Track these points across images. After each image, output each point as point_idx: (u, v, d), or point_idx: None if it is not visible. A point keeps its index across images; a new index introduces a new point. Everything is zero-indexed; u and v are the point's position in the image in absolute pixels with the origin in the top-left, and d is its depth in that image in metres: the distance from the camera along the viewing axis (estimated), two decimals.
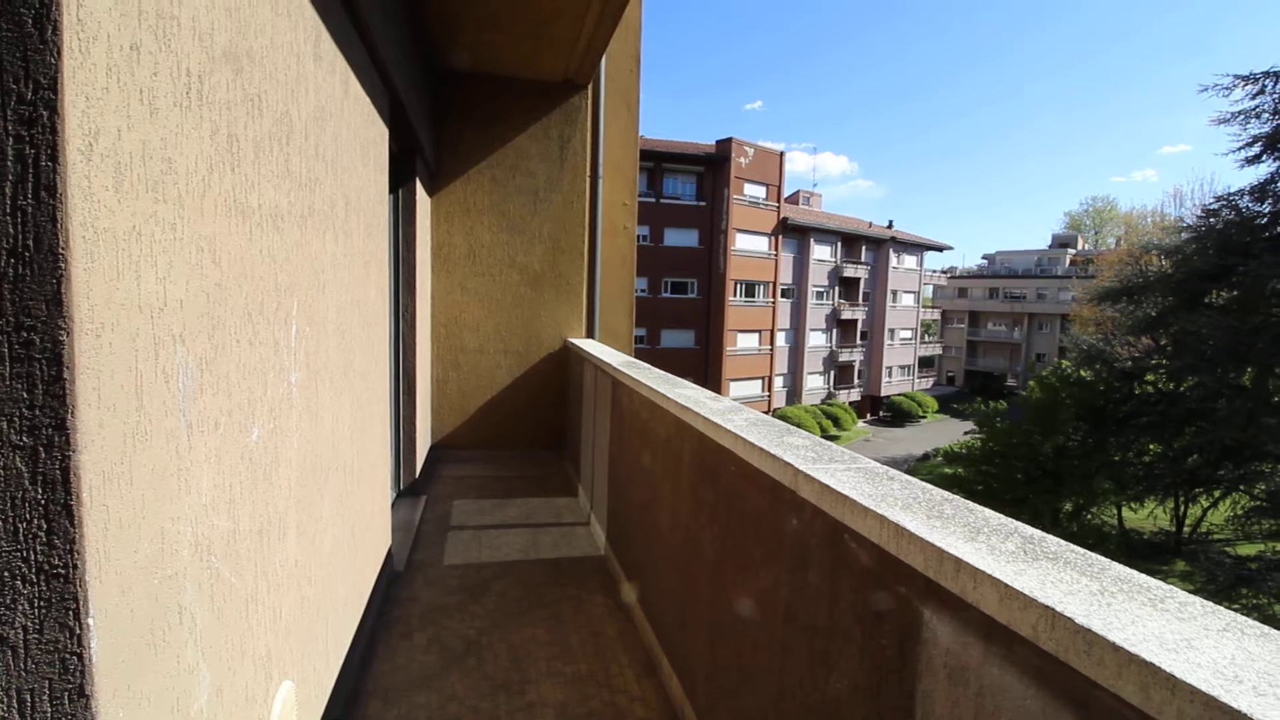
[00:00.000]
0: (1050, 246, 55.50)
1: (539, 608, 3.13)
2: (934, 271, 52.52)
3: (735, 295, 31.92)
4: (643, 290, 29.51)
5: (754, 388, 33.39)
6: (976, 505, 1.24)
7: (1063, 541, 1.06)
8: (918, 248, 45.88)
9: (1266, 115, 14.65)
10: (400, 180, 4.34)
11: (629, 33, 6.70)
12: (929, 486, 1.35)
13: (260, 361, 1.53)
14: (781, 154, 34.25)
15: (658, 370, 3.30)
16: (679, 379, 2.95)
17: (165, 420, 1.07)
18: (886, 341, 42.47)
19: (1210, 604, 0.85)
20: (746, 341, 32.79)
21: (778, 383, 35.16)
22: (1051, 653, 0.82)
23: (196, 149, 1.18)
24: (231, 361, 1.36)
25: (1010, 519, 1.16)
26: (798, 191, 43.45)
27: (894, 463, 31.33)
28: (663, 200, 30.27)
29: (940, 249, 47.64)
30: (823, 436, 35.11)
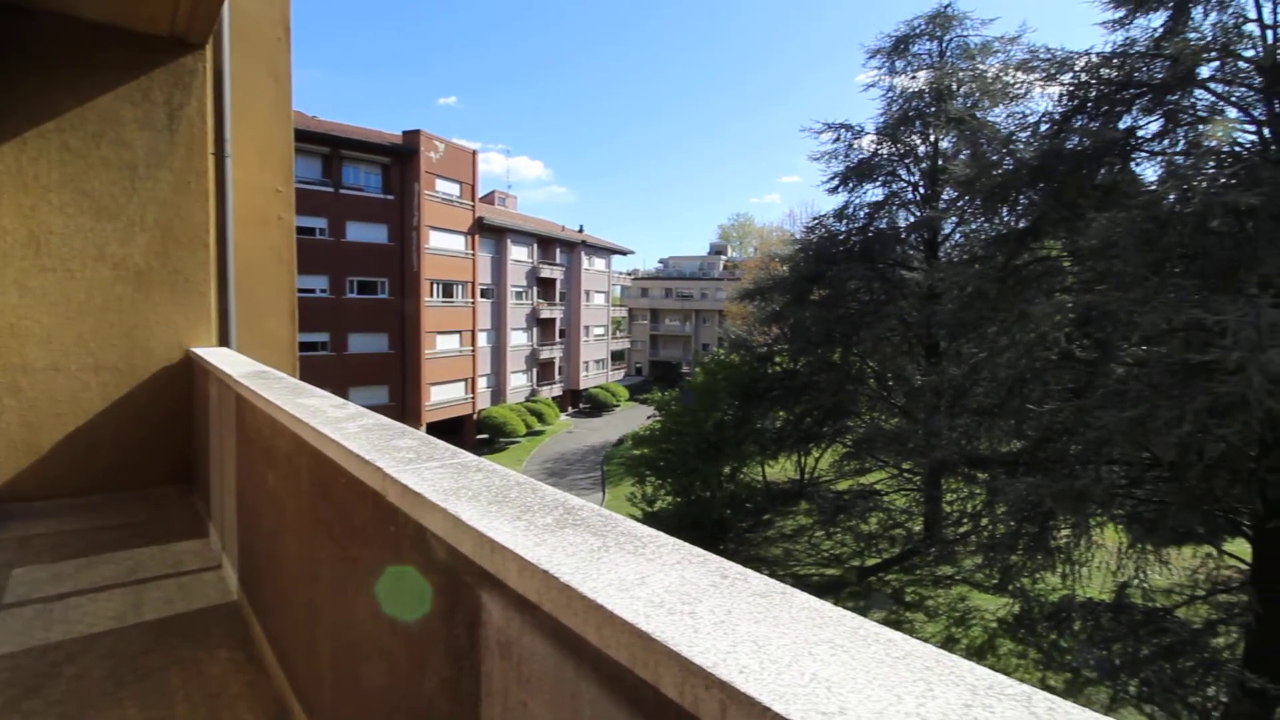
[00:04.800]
0: (709, 253, 65.60)
1: (134, 683, 2.53)
2: (620, 273, 57.80)
3: (432, 295, 30.69)
4: (322, 290, 26.44)
5: (457, 390, 32.60)
6: (544, 485, 1.33)
7: (599, 509, 1.19)
8: (606, 251, 49.93)
9: (841, 157, 19.47)
10: None
11: None
12: (510, 473, 1.41)
13: None
14: (475, 152, 33.98)
15: (291, 379, 2.94)
16: (309, 387, 2.66)
17: None
18: (583, 338, 45.38)
19: (681, 543, 1.02)
20: (447, 343, 31.81)
21: (482, 383, 34.90)
22: (551, 612, 0.90)
23: None
24: None
25: (566, 494, 1.27)
26: (493, 192, 43.66)
27: (594, 450, 33.68)
28: (342, 190, 27.52)
29: (624, 253, 52.58)
30: (528, 432, 35.98)
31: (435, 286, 30.98)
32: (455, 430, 32.78)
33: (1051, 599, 11.33)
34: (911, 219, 18.84)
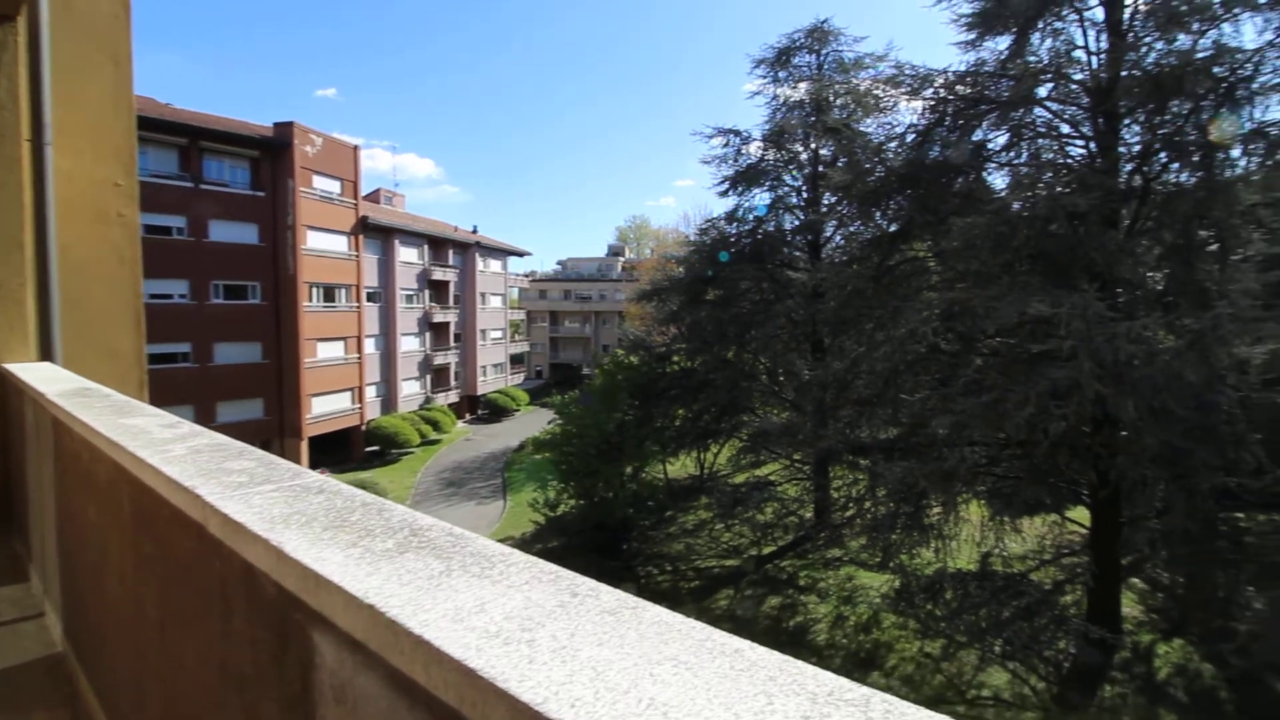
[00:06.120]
0: (607, 255, 65.82)
1: None
2: (517, 275, 56.76)
3: (311, 300, 28.64)
4: (181, 295, 23.97)
5: (343, 400, 30.65)
6: (394, 505, 1.22)
7: (451, 529, 1.09)
8: (502, 253, 48.83)
9: (731, 161, 20.09)
10: None
11: None
12: (357, 494, 1.28)
13: None
14: (356, 148, 32.16)
15: (119, 397, 2.59)
16: (140, 405, 2.35)
17: None
18: (479, 342, 44.12)
19: (535, 560, 0.94)
20: (329, 350, 29.80)
21: (370, 392, 33.00)
22: (378, 652, 0.80)
23: None
24: None
25: (416, 514, 1.16)
26: (379, 190, 41.54)
27: (494, 456, 32.83)
28: (203, 186, 25.07)
29: (521, 254, 51.70)
30: (423, 442, 34.36)
31: (315, 290, 28.93)
32: (342, 443, 30.81)
33: (926, 573, 12.28)
34: (796, 222, 19.77)
